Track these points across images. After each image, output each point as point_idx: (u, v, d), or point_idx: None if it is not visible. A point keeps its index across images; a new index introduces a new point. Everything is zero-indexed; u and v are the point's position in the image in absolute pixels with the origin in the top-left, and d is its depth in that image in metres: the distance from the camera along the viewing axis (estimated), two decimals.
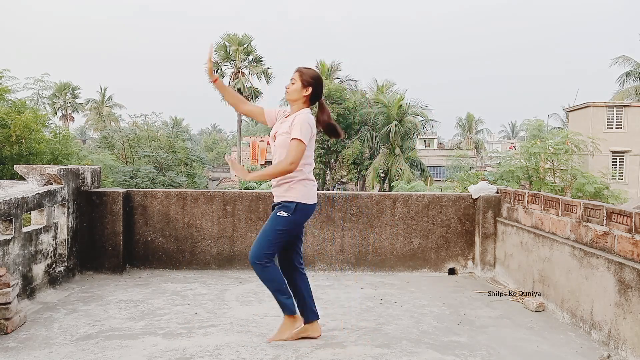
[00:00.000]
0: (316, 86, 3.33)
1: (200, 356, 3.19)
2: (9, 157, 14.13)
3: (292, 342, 3.45)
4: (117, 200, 5.23)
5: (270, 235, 3.26)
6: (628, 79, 33.88)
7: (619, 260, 3.43)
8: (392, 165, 32.27)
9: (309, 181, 3.31)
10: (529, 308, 4.35)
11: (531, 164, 19.91)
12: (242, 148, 44.49)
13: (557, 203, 4.38)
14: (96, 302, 4.27)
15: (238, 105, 3.66)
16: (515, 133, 78.83)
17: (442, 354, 3.34)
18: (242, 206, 5.46)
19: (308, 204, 3.29)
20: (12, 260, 3.97)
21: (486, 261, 5.48)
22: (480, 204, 5.53)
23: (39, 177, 4.88)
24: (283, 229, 3.26)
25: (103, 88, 56.90)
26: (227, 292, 4.65)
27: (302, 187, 3.26)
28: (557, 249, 4.21)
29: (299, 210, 3.25)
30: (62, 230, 4.87)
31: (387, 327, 3.83)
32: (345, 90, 34.65)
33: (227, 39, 39.34)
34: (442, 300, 4.59)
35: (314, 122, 3.29)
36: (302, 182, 3.26)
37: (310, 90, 3.31)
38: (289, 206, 3.24)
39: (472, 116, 62.84)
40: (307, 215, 3.36)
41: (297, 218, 3.27)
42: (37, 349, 3.25)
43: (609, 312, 3.48)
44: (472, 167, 28.16)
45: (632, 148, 27.67)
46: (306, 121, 3.22)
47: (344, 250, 5.53)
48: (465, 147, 52.70)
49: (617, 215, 3.58)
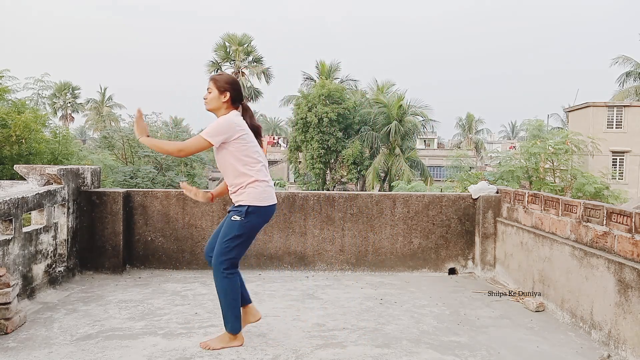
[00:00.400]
0: (233, 89, 3.29)
1: (200, 356, 3.19)
2: (9, 157, 14.13)
3: (292, 342, 3.46)
4: (117, 200, 5.23)
5: (227, 242, 3.22)
6: (628, 79, 33.89)
7: (619, 260, 3.43)
8: (392, 165, 32.27)
9: (260, 182, 3.24)
10: (529, 308, 4.35)
11: (531, 164, 19.91)
12: None
13: (557, 203, 4.38)
14: (96, 302, 4.27)
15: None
16: (515, 133, 78.85)
17: (442, 354, 3.34)
18: None
19: (261, 206, 3.23)
20: (12, 260, 3.97)
21: (486, 261, 5.48)
22: (480, 204, 5.53)
23: (39, 177, 4.88)
24: (238, 233, 3.21)
25: (103, 88, 56.96)
26: None
27: (253, 190, 3.21)
28: (557, 249, 4.21)
29: (252, 213, 3.21)
30: (62, 230, 4.87)
31: (387, 327, 3.83)
32: (345, 90, 34.63)
33: (227, 39, 39.34)
34: (442, 300, 4.59)
35: (233, 122, 3.20)
36: (252, 184, 3.22)
37: (228, 94, 3.27)
38: (241, 210, 3.21)
39: (472, 116, 62.87)
40: (264, 217, 3.28)
41: (251, 221, 3.22)
42: (37, 349, 3.25)
43: (609, 312, 3.48)
44: (472, 167, 28.14)
45: (632, 148, 27.68)
46: (219, 123, 3.18)
47: (344, 250, 5.53)
48: (465, 147, 52.71)
49: (617, 215, 3.58)
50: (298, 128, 33.08)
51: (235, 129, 3.19)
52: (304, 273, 5.44)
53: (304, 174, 35.29)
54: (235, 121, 3.22)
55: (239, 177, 3.22)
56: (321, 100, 32.35)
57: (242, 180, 3.22)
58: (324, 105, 32.22)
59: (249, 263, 5.45)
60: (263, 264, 5.47)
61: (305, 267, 5.50)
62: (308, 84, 37.74)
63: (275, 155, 50.88)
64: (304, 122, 32.53)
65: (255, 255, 5.47)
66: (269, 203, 3.28)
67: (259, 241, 5.46)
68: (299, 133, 33.15)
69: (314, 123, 32.04)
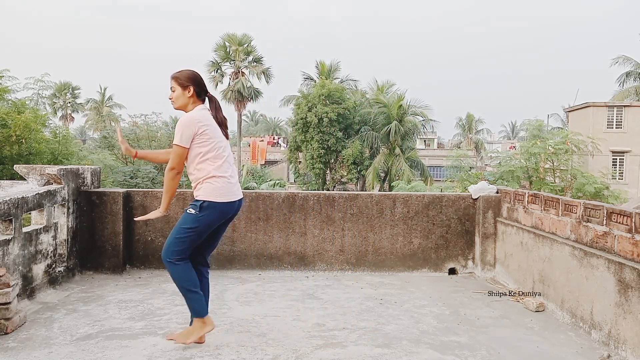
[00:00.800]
0: (195, 83, 3.30)
1: (200, 356, 3.19)
2: (9, 157, 14.11)
3: (292, 341, 3.46)
4: (117, 200, 5.22)
5: (179, 233, 3.22)
6: (628, 79, 33.87)
7: (619, 260, 3.43)
8: (392, 165, 32.27)
9: (217, 178, 3.21)
10: (529, 308, 4.35)
11: (531, 164, 19.92)
12: (242, 148, 44.49)
13: (557, 203, 4.38)
14: (96, 302, 4.27)
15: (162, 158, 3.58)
16: (515, 133, 78.86)
17: (442, 354, 3.34)
18: (242, 206, 5.45)
19: (217, 201, 3.21)
20: (12, 260, 3.97)
21: (486, 261, 5.48)
22: (480, 204, 5.53)
23: (39, 177, 4.88)
24: (191, 226, 3.21)
25: (103, 88, 56.93)
26: (227, 292, 4.65)
27: (209, 185, 3.21)
28: (557, 249, 4.21)
29: (207, 208, 3.20)
30: (62, 230, 4.87)
31: (387, 327, 3.83)
32: (345, 90, 34.62)
33: (227, 39, 39.32)
34: (442, 300, 4.59)
35: (194, 118, 3.20)
36: (209, 179, 3.21)
37: (192, 89, 3.28)
38: (196, 204, 3.22)
39: (472, 116, 62.84)
40: (219, 214, 3.26)
41: (205, 216, 3.21)
42: (37, 349, 3.25)
43: (609, 312, 3.48)
44: (472, 167, 28.13)
45: (632, 148, 27.68)
46: (181, 123, 3.20)
47: (344, 250, 5.53)
48: (465, 147, 52.66)
49: (617, 215, 3.58)
50: (298, 128, 33.08)
51: (196, 124, 3.19)
52: (304, 273, 5.44)
53: (304, 174, 35.29)
54: (196, 116, 3.22)
55: (198, 171, 3.23)
56: (321, 100, 32.35)
57: (200, 174, 3.23)
58: (324, 105, 32.22)
59: (249, 263, 5.45)
60: (263, 264, 5.47)
61: (305, 267, 5.50)
62: (308, 84, 37.73)
63: (275, 155, 50.89)
64: (304, 122, 32.53)
65: (255, 255, 5.47)
66: (227, 200, 3.24)
67: (259, 241, 5.47)
68: (299, 133, 33.15)
69: (314, 123, 32.04)
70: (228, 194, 3.25)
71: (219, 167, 3.23)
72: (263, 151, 43.05)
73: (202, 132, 3.19)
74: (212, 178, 3.22)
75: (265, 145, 48.07)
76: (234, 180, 3.31)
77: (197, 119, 3.21)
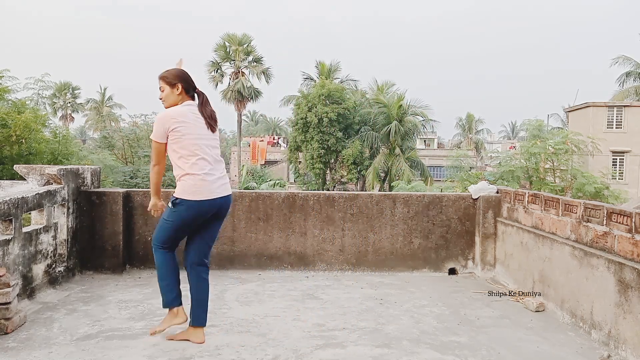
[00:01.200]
0: (183, 80, 3.34)
1: (200, 356, 3.19)
2: (9, 157, 14.10)
3: (292, 341, 3.46)
4: (117, 200, 5.22)
5: (160, 223, 3.40)
6: (628, 79, 33.85)
7: (619, 260, 3.43)
8: (392, 165, 32.26)
9: (192, 176, 3.22)
10: (529, 308, 4.35)
11: (531, 164, 19.92)
12: (242, 148, 44.49)
13: (557, 203, 4.38)
14: (96, 302, 4.27)
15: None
16: (515, 133, 78.85)
17: (442, 354, 3.34)
18: (242, 206, 5.46)
19: (189, 199, 3.23)
20: (12, 260, 3.97)
21: (486, 261, 5.48)
22: (481, 204, 5.53)
23: (39, 177, 4.88)
24: (167, 219, 3.34)
25: (103, 88, 56.91)
26: (227, 292, 4.65)
27: (183, 183, 3.25)
28: (557, 249, 4.21)
29: (180, 205, 3.26)
30: (62, 230, 4.87)
31: (387, 327, 3.83)
32: (345, 90, 34.62)
33: (227, 39, 39.32)
34: (442, 300, 4.59)
35: (168, 115, 3.24)
36: (183, 177, 3.25)
37: (180, 86, 3.32)
38: (172, 200, 3.30)
39: (472, 116, 62.83)
40: (195, 211, 3.27)
41: (178, 212, 3.28)
42: (37, 349, 3.25)
43: (609, 312, 3.48)
44: (472, 167, 28.14)
45: (632, 148, 27.67)
46: (156, 119, 3.30)
47: (344, 250, 5.53)
48: (465, 147, 52.62)
49: (617, 215, 3.58)
50: (298, 128, 33.08)
51: (169, 121, 3.23)
52: (304, 273, 5.44)
53: (304, 174, 35.30)
54: (171, 113, 3.26)
55: (176, 169, 3.30)
56: (321, 100, 32.35)
57: (177, 172, 3.29)
58: (324, 105, 32.22)
59: (249, 263, 5.45)
60: (263, 264, 5.47)
61: (305, 267, 5.50)
62: (308, 84, 37.72)
63: (275, 155, 50.89)
64: (304, 122, 32.53)
65: (255, 255, 5.47)
66: (200, 198, 3.24)
67: (259, 241, 5.47)
68: (299, 133, 33.15)
69: (314, 123, 32.04)
70: (202, 192, 3.24)
71: (192, 165, 3.23)
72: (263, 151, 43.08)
73: (174, 129, 3.22)
74: (186, 176, 3.25)
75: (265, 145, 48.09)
76: (212, 178, 3.26)
77: (171, 115, 3.25)
